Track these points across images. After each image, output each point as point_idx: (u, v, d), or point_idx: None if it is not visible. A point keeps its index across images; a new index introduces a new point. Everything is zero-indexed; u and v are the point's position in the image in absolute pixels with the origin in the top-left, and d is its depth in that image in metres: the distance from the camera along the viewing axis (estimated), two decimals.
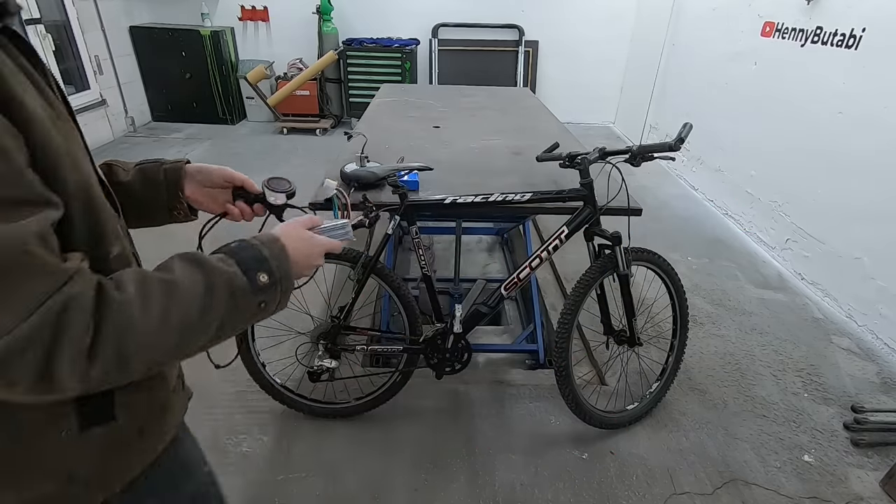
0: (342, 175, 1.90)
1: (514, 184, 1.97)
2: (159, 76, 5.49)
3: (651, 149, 1.57)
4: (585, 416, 1.87)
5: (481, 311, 1.82)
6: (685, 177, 4.60)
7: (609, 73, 6.10)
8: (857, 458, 1.92)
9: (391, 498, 1.70)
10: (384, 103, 3.29)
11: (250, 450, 1.84)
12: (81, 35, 4.68)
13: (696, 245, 3.45)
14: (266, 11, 5.63)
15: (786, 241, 3.24)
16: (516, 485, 1.76)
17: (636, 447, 1.92)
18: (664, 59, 5.05)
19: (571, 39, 5.93)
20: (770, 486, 1.79)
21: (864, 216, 2.68)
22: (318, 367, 1.79)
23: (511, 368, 2.44)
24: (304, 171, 4.36)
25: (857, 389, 2.25)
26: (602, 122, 6.41)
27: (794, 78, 3.22)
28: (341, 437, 1.90)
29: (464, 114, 3.07)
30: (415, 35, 5.73)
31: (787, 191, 3.26)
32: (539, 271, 2.30)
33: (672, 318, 2.01)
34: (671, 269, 1.90)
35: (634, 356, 2.07)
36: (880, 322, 2.55)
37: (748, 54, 3.69)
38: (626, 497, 1.73)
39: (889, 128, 2.52)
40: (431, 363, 1.88)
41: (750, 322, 2.67)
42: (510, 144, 2.46)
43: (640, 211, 1.78)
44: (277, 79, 5.52)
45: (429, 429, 1.96)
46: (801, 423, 2.06)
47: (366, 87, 5.51)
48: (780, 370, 2.34)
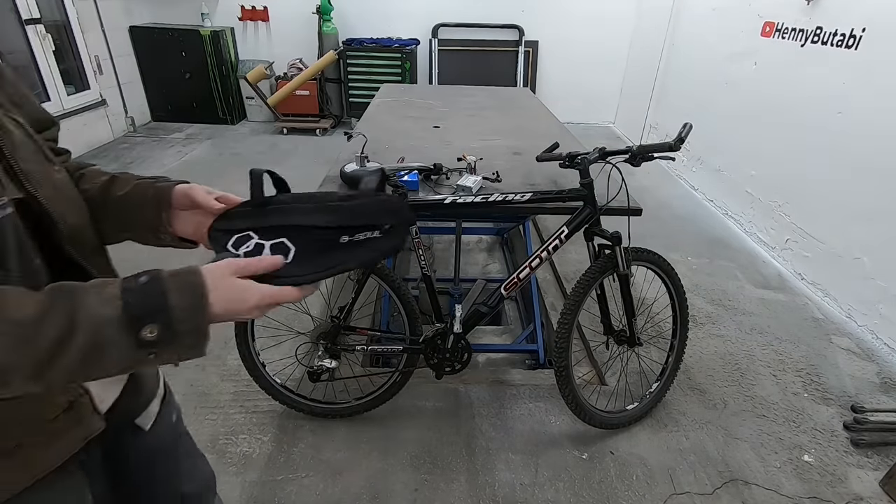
0: (342, 175, 1.90)
1: (514, 184, 1.97)
2: (159, 76, 5.49)
3: (651, 149, 1.57)
4: (585, 416, 1.87)
5: (481, 311, 1.82)
6: (685, 177, 4.60)
7: (609, 73, 6.11)
8: (857, 458, 1.92)
9: (391, 498, 1.70)
10: (384, 103, 3.29)
11: (250, 450, 1.84)
12: (81, 35, 4.68)
13: (696, 245, 3.45)
14: (266, 11, 5.63)
15: (786, 241, 3.24)
16: (516, 485, 1.76)
17: (636, 447, 1.92)
18: (664, 59, 5.05)
19: (571, 39, 5.93)
20: (770, 486, 1.79)
21: (864, 216, 2.68)
22: (318, 367, 1.79)
23: (511, 368, 2.44)
24: (304, 171, 4.36)
25: (857, 389, 2.25)
26: (602, 122, 6.41)
27: (794, 78, 3.22)
28: (341, 437, 1.90)
29: (464, 114, 3.07)
30: (415, 35, 5.73)
31: (787, 191, 3.26)
32: (539, 271, 2.31)
33: (672, 318, 2.01)
34: (671, 269, 1.90)
35: (634, 356, 2.08)
36: (880, 322, 2.55)
37: (748, 54, 3.69)
38: (626, 497, 1.73)
39: (889, 128, 2.52)
40: (431, 363, 1.88)
41: (750, 322, 2.67)
42: (510, 144, 2.46)
43: (640, 211, 1.78)
44: (277, 79, 5.52)
45: (429, 429, 1.96)
46: (801, 423, 2.06)
47: (366, 87, 5.51)
48: (780, 370, 2.34)
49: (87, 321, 0.50)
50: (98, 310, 0.51)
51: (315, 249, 0.68)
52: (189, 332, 0.54)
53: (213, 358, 2.23)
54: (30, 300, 0.49)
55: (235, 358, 1.89)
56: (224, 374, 2.16)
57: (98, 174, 0.79)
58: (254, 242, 0.68)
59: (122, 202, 0.75)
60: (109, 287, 0.53)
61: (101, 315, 0.50)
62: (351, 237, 0.70)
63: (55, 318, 0.49)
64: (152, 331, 0.52)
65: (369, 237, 0.71)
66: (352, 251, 0.70)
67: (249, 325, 1.80)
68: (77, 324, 0.49)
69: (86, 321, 0.50)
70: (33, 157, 0.63)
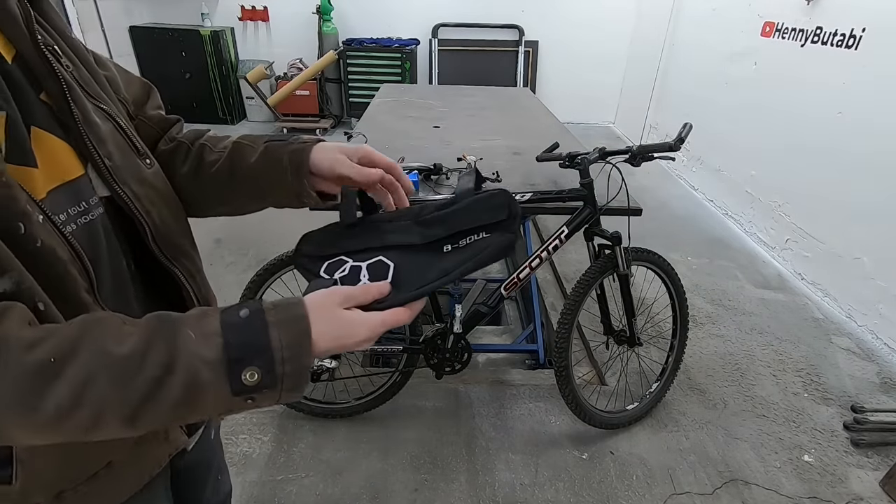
0: None
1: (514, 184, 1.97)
2: (159, 76, 5.48)
3: (651, 149, 1.57)
4: (585, 416, 1.87)
5: (481, 311, 1.82)
6: (685, 177, 4.60)
7: (609, 74, 6.10)
8: (857, 458, 1.92)
9: (391, 498, 1.70)
10: (384, 103, 3.29)
11: (250, 450, 1.84)
12: (81, 35, 4.67)
13: (696, 245, 3.45)
14: (266, 11, 5.63)
15: (786, 241, 3.24)
16: (516, 485, 1.76)
17: (636, 447, 1.92)
18: (664, 59, 5.05)
19: (571, 39, 5.93)
20: (770, 486, 1.79)
21: (864, 216, 2.68)
22: (318, 367, 1.79)
23: (511, 368, 2.44)
24: None
25: (857, 389, 2.25)
26: (602, 122, 6.41)
27: (793, 78, 3.22)
28: (341, 437, 1.90)
29: (464, 114, 3.07)
30: (415, 35, 5.73)
31: (787, 191, 3.26)
32: (539, 271, 2.30)
33: (672, 318, 2.01)
34: (671, 269, 1.90)
35: (634, 356, 2.08)
36: (880, 322, 2.55)
37: (748, 54, 3.69)
38: (626, 497, 1.73)
39: (889, 128, 2.52)
40: (431, 363, 1.88)
41: (750, 322, 2.67)
42: (510, 144, 2.46)
43: (640, 211, 1.78)
44: (277, 79, 5.52)
45: (429, 429, 1.96)
46: (801, 423, 2.06)
47: (366, 87, 5.51)
48: (780, 370, 2.34)
49: (186, 361, 0.44)
50: (197, 348, 0.45)
51: (416, 262, 0.61)
52: (291, 375, 0.48)
53: None
54: (130, 332, 0.44)
55: None
56: None
57: (217, 140, 0.72)
58: (349, 266, 0.61)
59: (256, 171, 0.68)
60: (209, 319, 0.48)
61: (199, 355, 0.45)
62: (455, 244, 0.63)
63: (155, 354, 0.44)
64: (252, 374, 0.46)
65: (475, 240, 0.63)
66: (457, 257, 0.62)
67: None
68: (175, 363, 0.44)
69: (184, 361, 0.44)
70: (121, 152, 0.58)
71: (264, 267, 1.77)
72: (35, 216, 0.45)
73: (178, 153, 0.71)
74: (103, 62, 0.65)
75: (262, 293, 1.80)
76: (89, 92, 0.57)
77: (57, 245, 0.47)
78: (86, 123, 0.54)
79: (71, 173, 0.53)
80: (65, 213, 0.51)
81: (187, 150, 0.71)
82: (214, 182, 0.69)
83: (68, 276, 0.48)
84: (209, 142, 0.72)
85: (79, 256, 0.49)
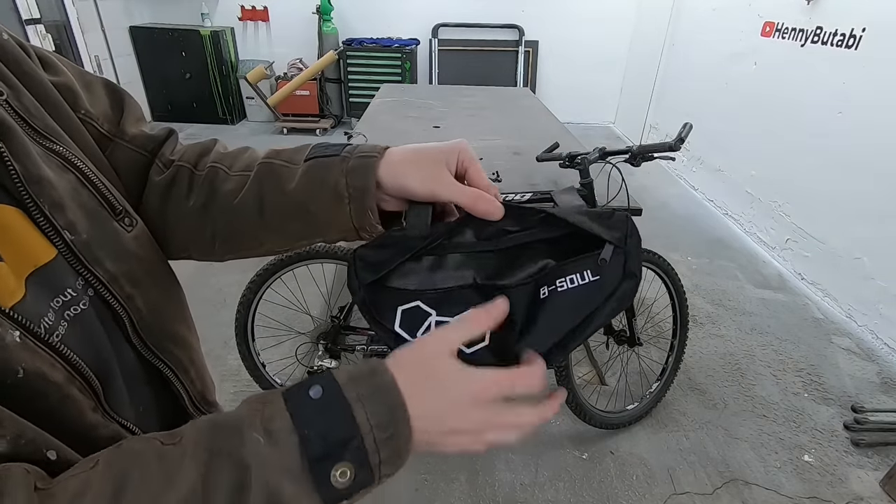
0: None
1: (514, 184, 1.97)
2: (159, 76, 5.49)
3: (651, 149, 1.57)
4: (585, 416, 1.87)
5: None
6: (685, 177, 4.60)
7: (609, 73, 6.10)
8: (857, 458, 1.92)
9: (391, 497, 1.70)
10: (384, 103, 3.29)
11: None
12: (81, 35, 4.67)
13: (696, 245, 3.45)
14: (266, 11, 5.63)
15: (786, 241, 3.24)
16: (516, 485, 1.76)
17: (636, 447, 1.92)
18: (664, 59, 5.05)
19: (571, 39, 5.93)
20: (770, 486, 1.79)
21: (864, 216, 2.68)
22: (318, 367, 1.79)
23: None
24: None
25: (857, 389, 2.25)
26: (602, 122, 6.41)
27: (794, 78, 3.22)
28: None
29: (464, 114, 3.07)
30: (415, 35, 5.73)
31: (787, 191, 3.26)
32: None
33: (672, 318, 2.01)
34: (671, 269, 1.90)
35: (634, 356, 2.08)
36: (880, 322, 2.55)
37: (748, 54, 3.69)
38: (626, 497, 1.73)
39: (889, 128, 2.52)
40: None
41: (750, 322, 2.67)
42: (510, 144, 2.46)
43: (640, 211, 1.78)
44: (277, 79, 5.52)
45: None
46: (801, 423, 2.06)
47: (366, 87, 5.50)
48: (780, 370, 2.34)
49: (260, 475, 0.33)
50: (269, 457, 0.34)
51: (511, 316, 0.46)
52: (388, 462, 0.37)
53: (213, 358, 2.22)
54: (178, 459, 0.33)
55: (235, 358, 1.89)
56: (224, 374, 2.16)
57: (232, 159, 0.52)
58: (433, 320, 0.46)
59: (296, 202, 0.48)
60: (273, 409, 0.36)
61: (274, 464, 0.34)
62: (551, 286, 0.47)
63: (219, 475, 0.33)
64: (344, 473, 0.35)
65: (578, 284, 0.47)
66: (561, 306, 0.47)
67: (250, 324, 1.80)
68: (247, 482, 0.33)
69: (258, 476, 0.33)
70: (88, 217, 0.41)
71: (264, 267, 1.77)
72: (9, 336, 0.32)
73: (178, 183, 0.51)
74: (52, 64, 0.46)
75: (262, 293, 1.80)
76: (35, 126, 0.40)
77: (46, 366, 0.34)
78: (32, 183, 0.37)
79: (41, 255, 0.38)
80: (50, 311, 0.37)
81: (191, 177, 0.52)
82: (236, 219, 0.50)
83: (67, 401, 0.36)
84: (221, 162, 0.52)
85: (78, 371, 0.37)
